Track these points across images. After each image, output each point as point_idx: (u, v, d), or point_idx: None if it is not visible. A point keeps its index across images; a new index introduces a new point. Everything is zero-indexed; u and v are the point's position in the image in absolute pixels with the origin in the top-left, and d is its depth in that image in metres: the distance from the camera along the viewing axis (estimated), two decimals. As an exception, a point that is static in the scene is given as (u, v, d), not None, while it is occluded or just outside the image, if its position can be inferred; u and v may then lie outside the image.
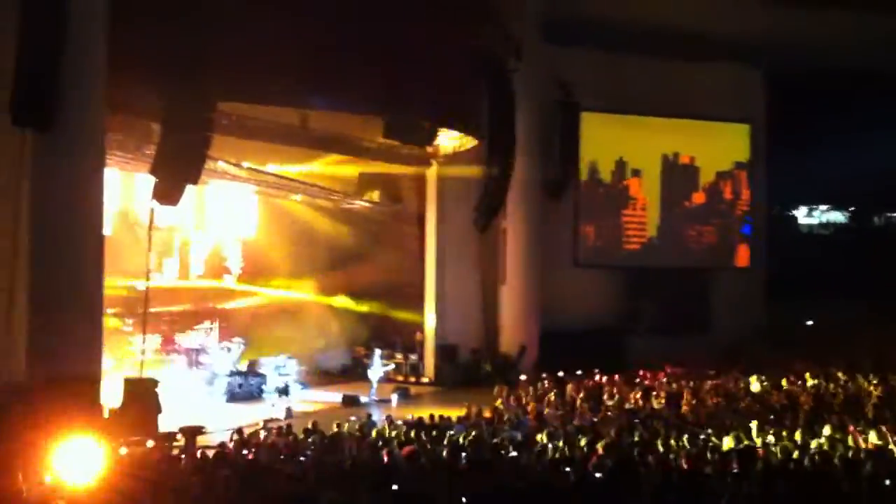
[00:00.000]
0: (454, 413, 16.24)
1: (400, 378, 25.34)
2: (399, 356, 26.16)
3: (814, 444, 11.91)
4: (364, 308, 26.72)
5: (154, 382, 16.77)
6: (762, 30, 28.37)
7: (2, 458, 11.61)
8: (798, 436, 12.62)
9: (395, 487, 9.51)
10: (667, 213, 31.04)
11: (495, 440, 13.05)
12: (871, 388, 17.73)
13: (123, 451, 12.73)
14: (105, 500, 9.34)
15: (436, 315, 26.41)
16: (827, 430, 12.58)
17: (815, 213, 38.90)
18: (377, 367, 23.40)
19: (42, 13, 15.14)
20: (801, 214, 38.82)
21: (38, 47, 15.03)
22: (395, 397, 22.18)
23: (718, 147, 31.80)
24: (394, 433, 14.05)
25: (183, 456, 13.07)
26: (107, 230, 17.88)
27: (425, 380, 25.73)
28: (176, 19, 16.77)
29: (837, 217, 39.06)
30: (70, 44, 15.25)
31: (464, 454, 11.94)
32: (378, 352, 24.36)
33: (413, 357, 26.23)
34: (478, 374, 25.03)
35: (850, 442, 12.11)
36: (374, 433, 14.15)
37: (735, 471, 10.12)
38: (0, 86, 14.90)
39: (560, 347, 24.97)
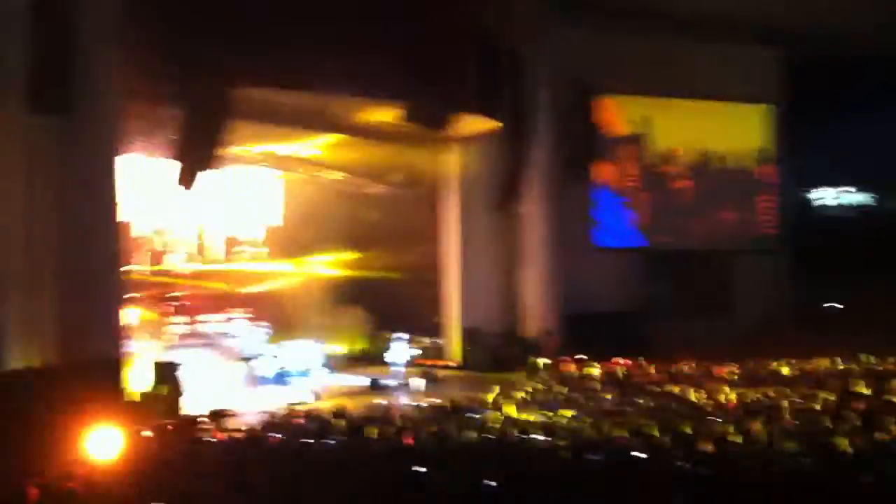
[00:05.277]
0: (481, 397, 16.16)
1: (426, 362, 25.21)
2: (425, 340, 26.04)
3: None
4: (385, 291, 26.60)
5: (176, 365, 16.76)
6: (784, 12, 27.93)
7: (21, 439, 11.66)
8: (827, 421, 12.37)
9: (421, 470, 9.45)
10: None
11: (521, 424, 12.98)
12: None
13: (146, 433, 12.66)
14: (126, 483, 9.30)
15: (460, 298, 26.29)
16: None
17: (839, 195, 38.56)
18: (403, 351, 23.28)
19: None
20: (825, 196, 38.48)
21: (53, 32, 14.97)
22: (421, 381, 22.07)
23: (739, 128, 31.56)
24: (420, 416, 13.98)
25: (209, 439, 13.03)
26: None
27: (451, 363, 25.61)
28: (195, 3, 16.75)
29: (861, 198, 38.70)
30: (86, 29, 15.24)
31: (490, 437, 11.90)
32: (404, 335, 24.26)
33: (439, 341, 26.12)
34: (503, 358, 24.88)
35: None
36: (399, 417, 14.08)
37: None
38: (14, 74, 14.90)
39: (584, 331, 24.75)
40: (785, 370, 18.74)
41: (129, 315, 19.63)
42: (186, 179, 18.01)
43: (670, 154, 30.66)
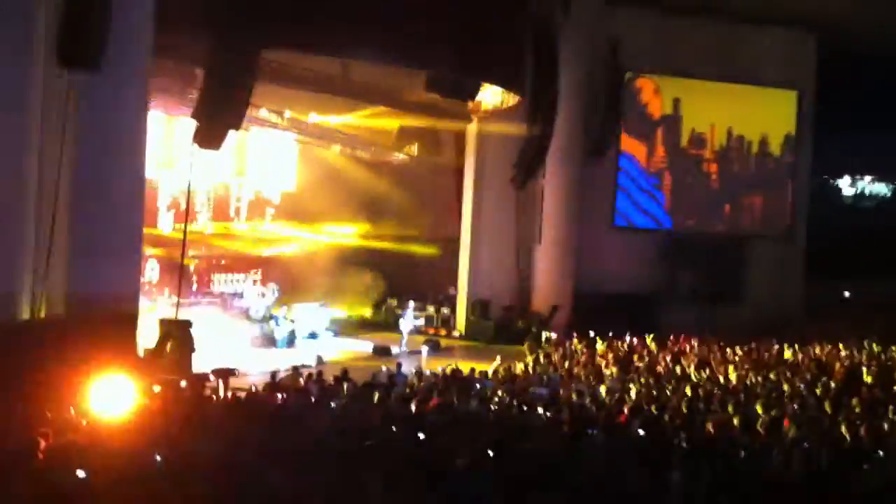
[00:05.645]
0: (484, 368, 16.33)
1: (431, 331, 25.50)
2: (431, 309, 26.30)
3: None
4: (398, 260, 26.78)
5: (188, 323, 16.98)
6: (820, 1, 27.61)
7: (31, 391, 11.89)
8: (827, 406, 12.55)
9: (421, 436, 9.64)
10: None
11: (523, 397, 13.15)
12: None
13: (156, 388, 12.92)
14: (132, 436, 9.51)
15: (470, 270, 26.47)
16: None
17: (860, 185, 38.30)
18: (409, 319, 23.54)
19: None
20: (845, 185, 38.24)
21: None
22: (425, 349, 22.28)
23: (767, 113, 31.42)
24: (423, 385, 14.18)
25: (215, 397, 13.29)
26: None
27: (456, 334, 25.86)
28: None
29: (881, 190, 38.46)
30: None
31: (491, 408, 12.08)
32: (411, 304, 24.50)
33: (445, 310, 26.37)
34: (509, 331, 25.08)
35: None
36: (403, 384, 14.29)
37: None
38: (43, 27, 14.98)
39: (593, 309, 24.89)
40: (788, 355, 18.76)
41: (147, 271, 19.98)
42: (208, 139, 18.06)
43: (699, 136, 30.58)
